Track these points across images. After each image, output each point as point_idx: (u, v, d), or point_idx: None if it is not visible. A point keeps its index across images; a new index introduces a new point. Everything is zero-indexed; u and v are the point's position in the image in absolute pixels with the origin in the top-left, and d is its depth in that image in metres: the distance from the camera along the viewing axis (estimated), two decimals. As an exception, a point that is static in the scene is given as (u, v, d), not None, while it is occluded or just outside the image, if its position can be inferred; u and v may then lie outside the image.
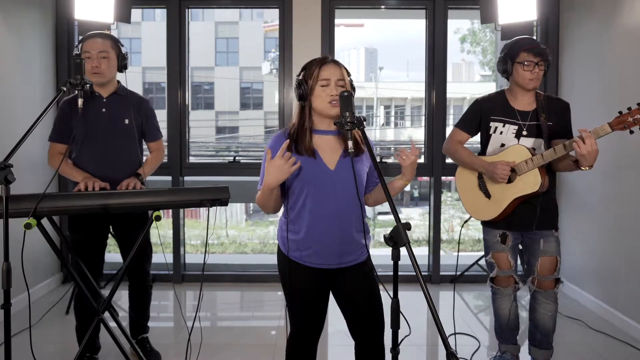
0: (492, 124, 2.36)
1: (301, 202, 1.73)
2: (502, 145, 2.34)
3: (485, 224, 2.45)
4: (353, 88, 1.77)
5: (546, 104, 2.29)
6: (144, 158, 2.60)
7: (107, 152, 2.41)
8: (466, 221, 2.59)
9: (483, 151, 2.43)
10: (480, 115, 2.40)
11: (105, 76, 2.39)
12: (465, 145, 2.47)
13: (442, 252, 4.09)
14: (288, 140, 1.65)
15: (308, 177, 1.71)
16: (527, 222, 2.32)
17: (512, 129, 2.32)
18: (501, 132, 2.34)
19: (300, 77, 1.74)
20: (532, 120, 2.30)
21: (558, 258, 2.35)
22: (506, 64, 2.30)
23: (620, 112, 2.03)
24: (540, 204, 2.27)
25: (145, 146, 2.64)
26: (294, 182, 1.74)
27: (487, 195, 2.37)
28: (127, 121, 2.44)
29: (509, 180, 2.28)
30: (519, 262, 2.52)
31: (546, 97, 2.33)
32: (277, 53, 4.04)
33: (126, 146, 2.45)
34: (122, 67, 2.47)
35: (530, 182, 2.23)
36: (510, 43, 2.33)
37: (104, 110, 2.41)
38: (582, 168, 2.10)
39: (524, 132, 2.30)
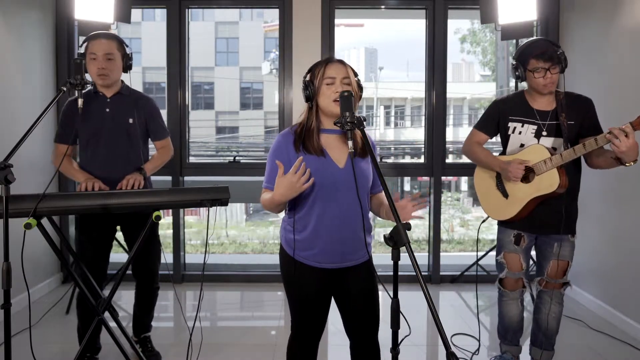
0: (511, 124, 2.33)
1: (310, 200, 1.72)
2: (522, 145, 2.31)
3: (501, 223, 2.43)
4: (360, 87, 1.77)
5: (566, 103, 2.24)
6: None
7: (112, 152, 2.41)
8: (484, 220, 2.57)
9: (504, 152, 2.41)
10: (498, 117, 2.37)
11: (111, 78, 2.38)
12: (485, 146, 2.45)
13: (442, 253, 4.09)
14: (302, 158, 1.61)
15: (317, 176, 1.70)
16: (546, 224, 2.29)
17: (531, 128, 2.28)
18: (520, 132, 2.31)
19: (307, 79, 1.74)
20: (552, 119, 2.26)
21: (570, 262, 2.33)
22: (518, 70, 2.27)
23: None
24: (564, 208, 2.23)
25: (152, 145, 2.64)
26: None
27: (505, 195, 2.35)
28: (131, 121, 2.44)
29: (528, 180, 2.26)
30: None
31: (566, 95, 2.28)
32: (277, 53, 4.04)
33: (131, 146, 2.45)
34: (127, 67, 2.47)
35: (548, 182, 2.20)
36: (521, 48, 2.29)
37: (107, 110, 2.41)
38: (627, 164, 2.03)
39: (544, 132, 2.27)
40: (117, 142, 2.41)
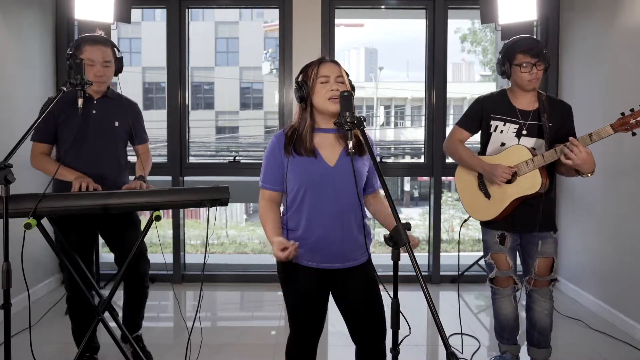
0: (493, 122, 2.35)
1: (299, 199, 1.73)
2: (503, 144, 2.33)
3: (484, 224, 2.45)
4: (352, 88, 1.77)
5: (548, 105, 2.28)
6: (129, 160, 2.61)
7: (96, 153, 2.41)
8: (465, 220, 2.59)
9: (483, 151, 2.42)
10: (481, 114, 2.39)
11: (106, 83, 2.43)
12: (466, 145, 2.47)
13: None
14: (297, 244, 1.62)
15: (308, 176, 1.71)
16: (527, 223, 2.31)
17: (512, 127, 2.31)
18: (501, 131, 2.33)
19: (300, 79, 1.75)
20: (533, 119, 2.29)
21: (555, 259, 2.35)
22: (504, 65, 2.31)
23: (622, 114, 2.02)
24: (542, 205, 2.26)
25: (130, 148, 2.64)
26: (291, 181, 1.74)
27: (487, 195, 2.37)
28: (117, 123, 2.46)
29: (510, 181, 2.27)
30: (518, 262, 2.52)
31: (548, 98, 2.32)
32: (272, 52, 4.05)
33: (115, 148, 2.47)
34: (118, 70, 2.49)
35: (530, 183, 2.23)
36: (507, 44, 2.33)
37: (94, 112, 2.42)
38: (583, 175, 2.13)
39: (524, 132, 2.29)
40: (102, 144, 2.42)
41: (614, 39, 3.21)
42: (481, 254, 3.95)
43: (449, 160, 4.08)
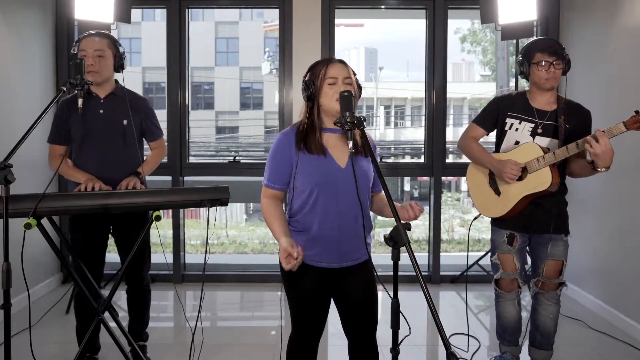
0: (509, 120, 2.35)
1: (312, 201, 1.72)
2: (517, 142, 2.33)
3: (494, 223, 2.44)
4: (360, 87, 1.78)
5: (566, 108, 2.28)
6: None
7: (106, 153, 2.38)
8: (475, 218, 2.59)
9: (497, 149, 2.42)
10: (497, 112, 2.40)
11: (101, 75, 2.34)
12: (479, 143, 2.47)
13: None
14: (302, 256, 1.62)
15: (319, 176, 1.71)
16: (537, 225, 2.31)
17: (528, 126, 2.31)
18: (517, 129, 2.33)
19: (307, 78, 1.74)
20: (550, 120, 2.29)
21: (564, 262, 2.34)
22: (523, 65, 2.31)
23: (636, 112, 2.01)
24: (555, 207, 2.26)
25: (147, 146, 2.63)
26: (303, 181, 1.73)
27: (497, 192, 2.36)
28: (125, 122, 2.41)
29: (521, 178, 2.27)
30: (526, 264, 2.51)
31: (567, 101, 2.32)
32: (271, 52, 4.06)
33: (126, 147, 2.42)
34: (119, 66, 2.43)
35: (540, 180, 2.22)
36: (527, 45, 2.34)
37: (101, 111, 2.38)
38: (599, 170, 2.09)
39: (539, 130, 2.29)
40: (111, 143, 2.39)
41: (614, 39, 3.21)
42: (481, 253, 3.98)
43: (449, 160, 4.09)
